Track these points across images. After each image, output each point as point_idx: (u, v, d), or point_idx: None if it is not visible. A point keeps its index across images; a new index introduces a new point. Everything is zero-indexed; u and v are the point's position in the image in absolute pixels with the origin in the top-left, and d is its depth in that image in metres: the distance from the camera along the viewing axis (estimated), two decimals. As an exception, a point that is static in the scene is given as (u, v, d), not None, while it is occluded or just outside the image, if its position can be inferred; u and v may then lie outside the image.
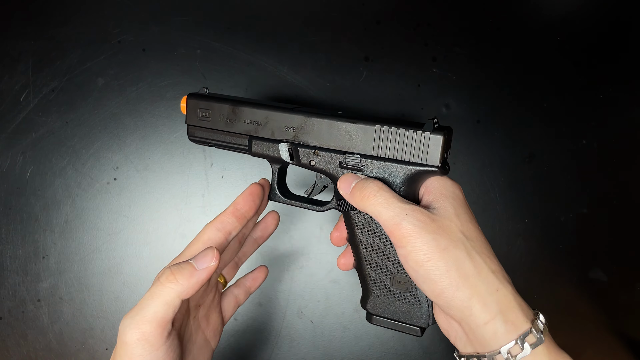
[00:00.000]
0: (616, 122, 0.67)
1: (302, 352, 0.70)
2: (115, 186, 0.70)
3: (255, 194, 0.49)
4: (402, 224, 0.40)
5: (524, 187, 0.68)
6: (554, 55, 0.67)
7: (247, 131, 0.51)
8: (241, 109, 0.51)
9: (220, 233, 0.46)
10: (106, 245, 0.70)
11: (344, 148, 0.47)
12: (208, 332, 0.51)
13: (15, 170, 0.69)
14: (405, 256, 0.41)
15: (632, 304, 0.68)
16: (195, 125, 0.53)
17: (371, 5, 0.68)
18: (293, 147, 0.49)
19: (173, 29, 0.69)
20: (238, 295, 0.55)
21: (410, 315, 0.47)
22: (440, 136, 0.43)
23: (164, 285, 0.40)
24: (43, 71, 0.69)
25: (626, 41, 0.66)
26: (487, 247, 0.42)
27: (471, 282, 0.39)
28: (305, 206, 0.52)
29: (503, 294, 0.40)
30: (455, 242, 0.40)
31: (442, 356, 0.69)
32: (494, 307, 0.39)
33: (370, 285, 0.48)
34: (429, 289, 0.41)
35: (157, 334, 0.39)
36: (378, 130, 0.45)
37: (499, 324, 0.38)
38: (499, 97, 0.68)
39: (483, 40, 0.67)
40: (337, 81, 0.68)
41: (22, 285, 0.70)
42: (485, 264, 0.40)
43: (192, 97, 0.53)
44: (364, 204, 0.43)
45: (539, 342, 0.38)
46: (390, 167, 0.45)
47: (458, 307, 0.39)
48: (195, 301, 0.49)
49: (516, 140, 0.68)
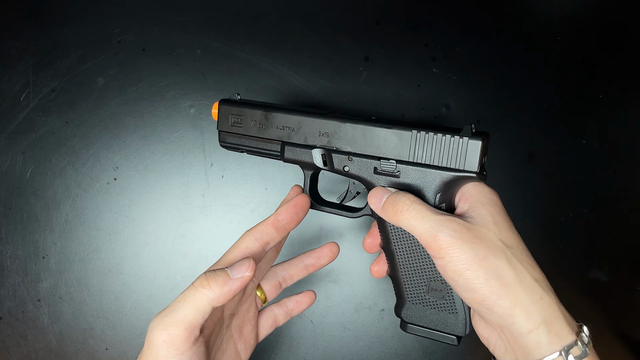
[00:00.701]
0: (616, 122, 0.67)
1: (302, 352, 0.70)
2: (115, 186, 0.70)
3: (300, 206, 0.48)
4: (439, 236, 0.40)
5: (524, 187, 0.68)
6: (554, 55, 0.67)
7: (279, 137, 0.50)
8: (274, 114, 0.50)
9: (258, 243, 0.46)
10: (106, 245, 0.70)
11: (379, 154, 0.47)
12: (240, 344, 0.50)
13: (15, 170, 0.69)
14: (444, 267, 0.40)
15: (632, 304, 0.68)
16: (227, 131, 0.53)
17: (371, 5, 0.68)
18: (326, 153, 0.49)
19: (173, 29, 0.69)
20: (278, 315, 0.54)
21: (446, 323, 0.46)
22: (479, 141, 0.43)
23: (197, 290, 0.40)
24: (43, 71, 0.69)
25: (626, 41, 0.66)
26: (528, 255, 0.42)
27: (513, 290, 0.38)
28: (339, 212, 0.52)
29: (547, 303, 0.39)
30: (495, 251, 0.39)
31: (442, 356, 0.69)
32: (537, 316, 0.38)
33: (406, 293, 0.47)
34: (469, 297, 0.40)
35: (183, 338, 0.39)
36: (414, 135, 0.45)
37: (543, 334, 0.38)
38: (499, 97, 0.68)
39: (483, 40, 0.67)
40: (337, 81, 0.68)
41: (22, 285, 0.70)
42: (527, 271, 0.40)
43: (224, 103, 0.53)
44: (397, 218, 0.43)
45: (583, 355, 0.37)
46: (426, 173, 0.45)
47: (500, 315, 0.39)
48: (229, 310, 0.48)
49: (516, 140, 0.68)
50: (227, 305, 0.48)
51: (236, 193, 0.69)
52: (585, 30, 0.67)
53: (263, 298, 0.52)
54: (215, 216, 0.70)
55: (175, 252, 0.70)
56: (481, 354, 0.69)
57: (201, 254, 0.70)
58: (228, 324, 0.49)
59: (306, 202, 0.48)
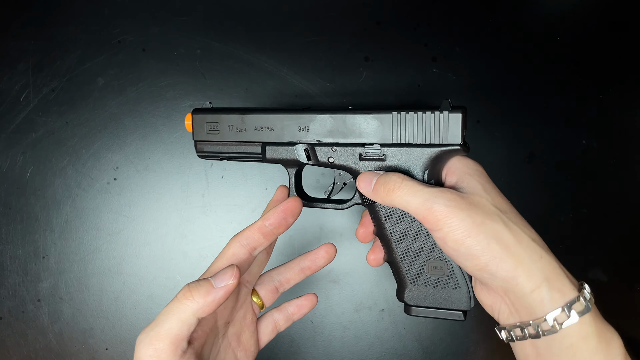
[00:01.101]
0: (616, 122, 0.67)
1: (302, 352, 0.70)
2: (115, 186, 0.70)
3: (290, 211, 0.46)
4: (434, 207, 0.40)
5: (524, 187, 0.68)
6: (554, 55, 0.67)
7: (259, 138, 0.50)
8: (250, 116, 0.50)
9: (245, 249, 0.45)
10: (106, 245, 0.70)
11: (362, 140, 0.47)
12: (239, 351, 0.49)
13: (15, 170, 0.69)
14: (443, 238, 0.40)
15: (632, 304, 0.68)
16: (203, 140, 0.52)
17: (371, 5, 0.68)
18: (309, 147, 0.49)
19: (173, 29, 0.69)
20: (278, 320, 0.53)
21: (450, 300, 0.46)
22: (459, 114, 0.44)
23: (180, 302, 0.39)
24: (43, 71, 0.69)
25: (626, 41, 0.66)
26: (522, 218, 0.42)
27: (513, 251, 0.39)
28: (328, 206, 0.52)
29: (547, 261, 0.39)
30: (491, 215, 0.40)
31: (442, 356, 0.69)
32: (539, 275, 0.38)
33: (406, 276, 0.47)
34: (472, 265, 0.40)
35: (169, 351, 0.38)
36: (395, 117, 0.46)
37: (545, 291, 0.38)
38: (499, 97, 0.68)
39: (483, 40, 0.67)
40: (337, 81, 0.68)
41: (22, 285, 0.70)
42: (524, 233, 0.40)
43: (198, 112, 0.52)
44: (390, 197, 0.43)
45: (586, 310, 0.38)
46: (412, 153, 0.45)
47: (503, 278, 0.39)
48: (223, 318, 0.47)
49: (516, 140, 0.68)
50: (220, 314, 0.47)
51: (236, 193, 0.69)
52: (585, 30, 0.67)
53: (260, 304, 0.51)
54: (215, 216, 0.70)
55: (175, 252, 0.70)
56: (482, 353, 0.69)
57: (201, 254, 0.70)
58: (224, 333, 0.48)
59: (297, 206, 0.47)
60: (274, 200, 0.52)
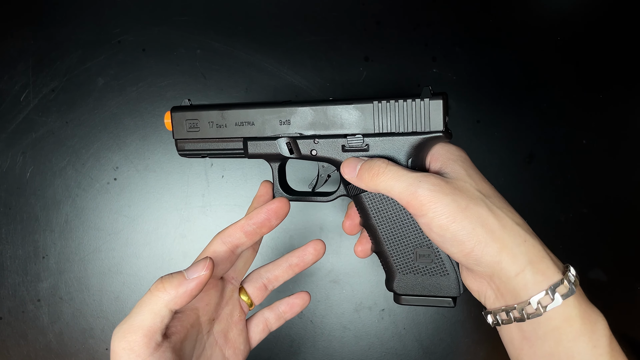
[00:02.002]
0: (616, 122, 0.67)
1: (302, 352, 0.70)
2: (115, 186, 0.70)
3: (274, 212, 0.46)
4: (418, 192, 0.40)
5: (524, 187, 0.68)
6: (554, 55, 0.67)
7: (240, 134, 0.50)
8: (230, 112, 0.50)
9: (226, 247, 0.45)
10: (106, 245, 0.70)
11: (344, 131, 0.47)
12: (227, 349, 0.48)
13: (15, 170, 0.69)
14: (428, 224, 0.40)
15: (632, 304, 0.68)
16: (184, 138, 0.51)
17: (371, 5, 0.68)
18: (291, 141, 0.49)
19: (173, 29, 0.69)
20: (269, 318, 0.52)
21: (439, 287, 0.46)
22: (439, 100, 0.43)
23: (152, 294, 0.39)
24: (43, 71, 0.69)
25: (626, 41, 0.66)
26: (506, 202, 0.42)
27: (498, 236, 0.39)
28: (313, 199, 0.52)
29: (531, 244, 0.39)
30: (475, 200, 0.40)
31: (442, 356, 0.69)
32: (523, 259, 0.38)
33: (394, 265, 0.47)
34: (457, 251, 0.40)
35: (142, 344, 0.38)
36: (376, 106, 0.45)
37: (529, 274, 0.38)
38: (499, 97, 0.68)
39: (483, 40, 0.67)
40: (337, 81, 0.68)
41: (22, 285, 0.70)
42: (508, 217, 0.40)
43: (177, 110, 0.51)
44: (374, 182, 0.43)
45: (570, 292, 0.38)
46: (395, 141, 0.45)
47: (488, 262, 0.39)
48: (207, 314, 0.47)
49: (516, 140, 0.68)
50: (203, 310, 0.46)
51: (236, 193, 0.69)
52: (586, 30, 0.67)
53: (249, 302, 0.51)
54: (215, 216, 0.70)
55: (175, 252, 0.70)
56: (482, 353, 0.69)
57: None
58: (209, 330, 0.47)
59: (282, 207, 0.46)
60: (258, 196, 0.51)
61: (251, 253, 0.51)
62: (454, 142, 0.47)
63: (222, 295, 0.49)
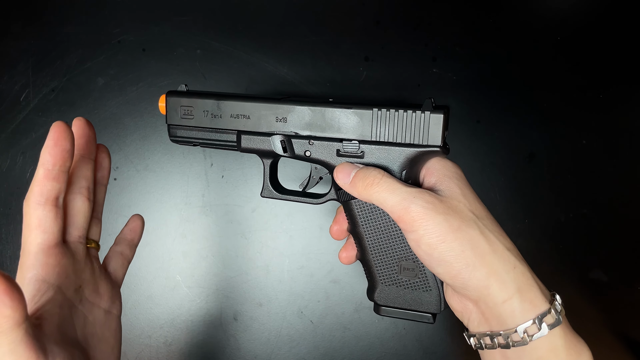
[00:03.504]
0: (616, 122, 0.67)
1: (302, 352, 0.70)
2: (115, 186, 0.70)
3: (59, 138, 0.40)
4: (411, 207, 0.39)
5: (524, 187, 0.68)
6: (554, 55, 0.67)
7: (234, 126, 0.49)
8: (226, 103, 0.48)
9: (47, 206, 0.39)
10: (106, 245, 0.70)
11: (340, 135, 0.46)
12: (104, 302, 0.45)
13: (15, 170, 0.69)
14: (417, 240, 0.40)
15: (632, 304, 0.68)
16: (177, 124, 0.50)
17: (371, 5, 0.68)
18: (286, 139, 0.48)
19: (173, 29, 0.69)
20: (123, 251, 0.50)
21: (420, 302, 0.46)
22: (440, 115, 0.43)
23: None
24: (43, 71, 0.69)
25: (626, 41, 0.66)
26: (498, 226, 0.42)
27: (487, 260, 0.38)
28: (302, 200, 0.51)
29: (520, 272, 0.39)
30: (467, 222, 0.39)
31: (442, 356, 0.69)
32: (512, 286, 0.38)
33: (377, 275, 0.47)
34: (444, 272, 0.40)
35: None
36: (375, 113, 0.44)
37: (517, 302, 0.38)
38: (499, 97, 0.68)
39: (483, 40, 0.67)
40: (337, 81, 0.68)
41: (22, 285, 0.70)
42: (499, 241, 0.40)
43: (172, 95, 0.50)
44: (367, 192, 0.42)
45: (556, 323, 0.37)
46: (390, 151, 0.44)
47: (475, 287, 0.38)
48: (72, 286, 0.41)
49: (516, 140, 0.68)
50: (65, 284, 0.40)
51: (236, 193, 0.69)
52: (585, 31, 0.67)
53: (94, 245, 0.47)
54: (215, 216, 0.70)
55: (175, 252, 0.70)
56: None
57: (201, 254, 0.70)
58: (80, 299, 0.43)
59: (63, 130, 0.40)
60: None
61: (87, 198, 0.44)
62: (454, 147, 0.47)
63: (76, 259, 0.43)
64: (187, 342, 0.71)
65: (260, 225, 0.70)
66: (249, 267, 0.70)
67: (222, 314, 0.70)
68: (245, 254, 0.70)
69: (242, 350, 0.70)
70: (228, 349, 0.70)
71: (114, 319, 0.46)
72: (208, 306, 0.70)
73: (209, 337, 0.71)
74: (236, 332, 0.70)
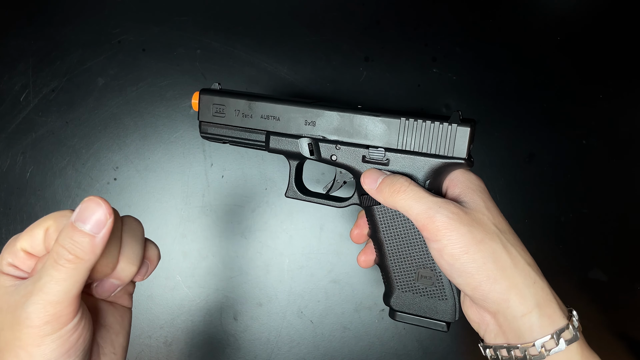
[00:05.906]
0: (616, 122, 0.67)
1: (302, 352, 0.70)
2: (115, 186, 0.70)
3: None
4: (436, 217, 0.40)
5: (524, 187, 0.68)
6: (554, 55, 0.67)
7: (264, 127, 0.50)
8: (258, 103, 0.50)
9: None
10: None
11: (367, 142, 0.47)
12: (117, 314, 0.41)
13: (15, 170, 0.69)
14: (440, 250, 0.40)
15: (632, 304, 0.68)
16: (208, 121, 0.52)
17: (371, 5, 0.68)
18: (313, 142, 0.49)
19: (173, 29, 0.69)
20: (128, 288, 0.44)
21: (436, 310, 0.46)
22: (467, 128, 0.43)
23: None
24: (43, 71, 0.69)
25: (626, 41, 0.66)
26: (519, 241, 0.42)
27: (508, 274, 0.39)
28: (325, 202, 0.52)
29: (540, 287, 0.39)
30: (491, 235, 0.40)
31: (442, 356, 0.69)
32: (531, 300, 0.38)
33: (395, 281, 0.47)
34: (464, 282, 0.40)
35: None
36: (403, 123, 0.45)
37: (535, 317, 0.38)
38: (499, 97, 0.68)
39: (483, 40, 0.67)
40: (337, 81, 0.68)
41: (22, 285, 0.70)
42: (520, 256, 0.40)
43: (205, 93, 0.52)
44: (393, 199, 0.43)
45: (574, 339, 0.38)
46: (415, 161, 0.45)
47: (495, 299, 0.39)
48: None
49: (516, 140, 0.68)
50: None
51: (236, 193, 0.69)
52: (585, 30, 0.67)
53: None
54: (215, 216, 0.70)
55: (175, 252, 0.70)
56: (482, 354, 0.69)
57: (201, 254, 0.70)
58: None
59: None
60: None
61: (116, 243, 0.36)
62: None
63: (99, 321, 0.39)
64: (187, 342, 0.71)
65: (260, 225, 0.70)
66: (249, 267, 0.70)
67: (222, 314, 0.70)
68: (245, 254, 0.70)
69: (242, 350, 0.70)
70: (228, 349, 0.70)
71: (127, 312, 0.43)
72: (208, 306, 0.70)
73: (209, 337, 0.71)
74: (236, 332, 0.70)
